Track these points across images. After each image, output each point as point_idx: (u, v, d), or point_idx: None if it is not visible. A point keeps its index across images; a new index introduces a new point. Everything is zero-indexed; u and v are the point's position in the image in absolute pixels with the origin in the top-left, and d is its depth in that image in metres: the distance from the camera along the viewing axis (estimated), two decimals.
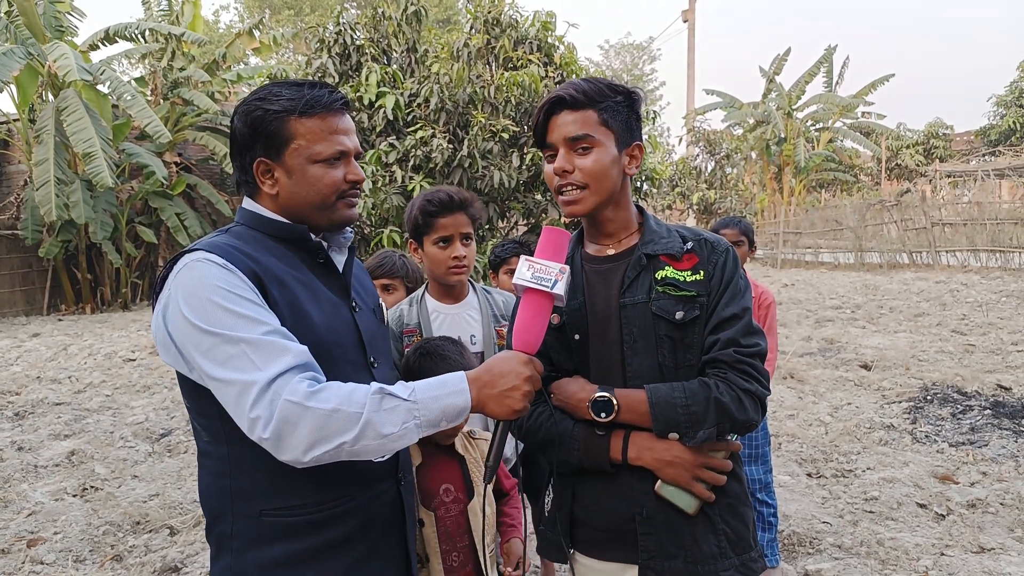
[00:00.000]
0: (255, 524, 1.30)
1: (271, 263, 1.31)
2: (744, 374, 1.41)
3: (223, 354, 1.17)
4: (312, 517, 1.31)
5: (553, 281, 1.32)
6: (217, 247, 1.28)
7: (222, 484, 1.32)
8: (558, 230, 1.38)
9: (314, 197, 1.36)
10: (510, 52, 7.64)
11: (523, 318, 1.35)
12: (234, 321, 1.18)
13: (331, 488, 1.33)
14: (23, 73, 12.01)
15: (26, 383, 7.34)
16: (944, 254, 16.57)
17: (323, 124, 1.34)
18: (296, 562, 1.31)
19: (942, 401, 5.65)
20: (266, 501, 1.30)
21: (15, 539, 3.66)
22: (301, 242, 1.39)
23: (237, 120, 1.37)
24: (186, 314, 1.20)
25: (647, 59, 45.96)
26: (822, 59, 25.95)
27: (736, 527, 1.48)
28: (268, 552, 1.30)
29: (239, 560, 1.32)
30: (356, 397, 1.18)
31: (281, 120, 1.32)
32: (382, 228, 7.20)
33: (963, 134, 32.98)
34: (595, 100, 1.46)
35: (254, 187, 1.39)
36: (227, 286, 1.21)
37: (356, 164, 1.41)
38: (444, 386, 1.25)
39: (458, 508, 1.83)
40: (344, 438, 1.15)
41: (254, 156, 1.35)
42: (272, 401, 1.14)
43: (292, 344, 1.21)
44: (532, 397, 1.31)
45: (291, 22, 29.63)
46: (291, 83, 1.37)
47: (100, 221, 12.89)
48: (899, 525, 3.61)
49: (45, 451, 5.09)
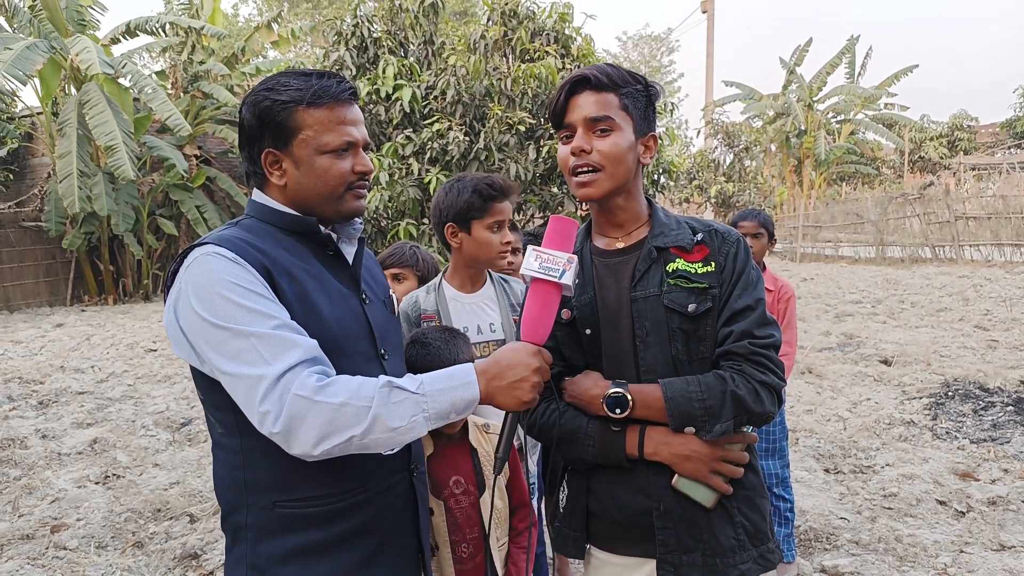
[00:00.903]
0: (269, 515, 1.31)
1: (281, 256, 1.31)
2: (759, 366, 1.40)
3: (233, 348, 1.18)
4: (325, 509, 1.32)
5: (561, 271, 1.31)
6: (227, 240, 1.28)
7: (236, 476, 1.33)
8: (565, 219, 1.37)
9: (322, 188, 1.35)
10: (527, 44, 7.61)
11: (531, 309, 1.34)
12: (244, 315, 1.19)
13: (344, 480, 1.33)
14: (46, 67, 12.18)
15: (50, 372, 7.48)
16: (967, 248, 16.31)
17: (331, 114, 1.33)
18: (310, 553, 1.32)
19: (963, 397, 5.57)
20: (280, 493, 1.31)
21: (39, 525, 3.74)
22: (311, 234, 1.38)
23: (245, 110, 1.36)
24: (196, 308, 1.21)
25: (665, 51, 45.59)
26: (844, 50, 25.55)
27: (754, 519, 1.47)
28: (283, 543, 1.31)
29: (253, 551, 1.33)
30: (365, 391, 1.18)
31: (289, 110, 1.32)
32: (399, 221, 7.23)
33: (988, 126, 32.36)
34: (617, 84, 1.45)
35: (262, 178, 1.39)
36: (236, 280, 1.22)
37: (364, 155, 1.40)
38: (452, 378, 1.25)
39: (468, 500, 1.82)
40: (353, 431, 1.16)
41: (262, 147, 1.35)
42: (281, 396, 1.15)
43: (301, 338, 1.21)
44: (541, 388, 1.30)
45: (309, 15, 29.72)
46: (299, 73, 1.36)
47: (122, 213, 13.06)
48: (918, 522, 3.57)
49: (68, 439, 5.18)
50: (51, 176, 13.45)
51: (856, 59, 26.00)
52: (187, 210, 14.29)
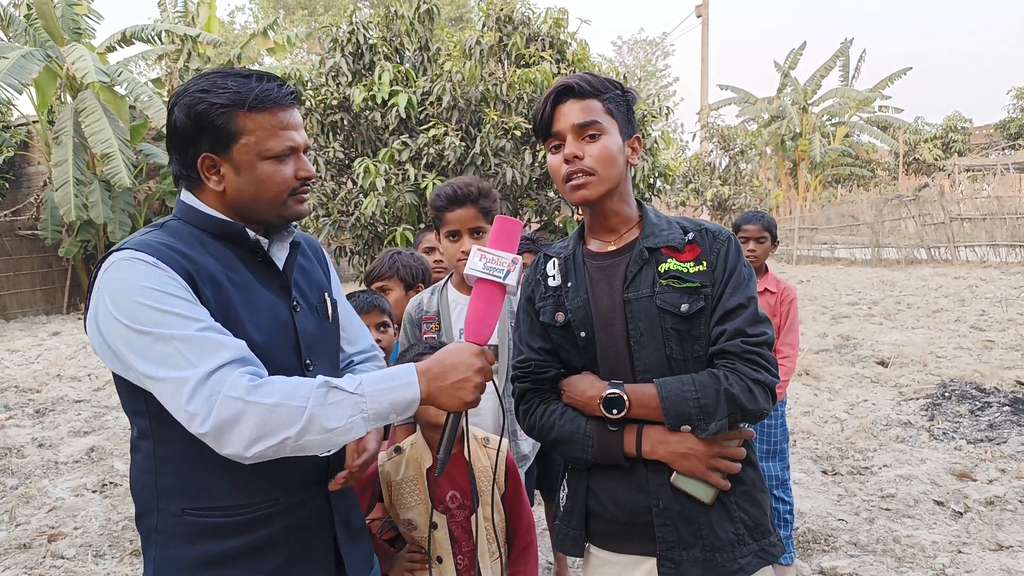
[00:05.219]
0: (177, 522, 1.29)
1: (206, 262, 1.27)
2: (753, 363, 1.41)
3: (157, 353, 1.15)
4: (232, 520, 1.29)
5: (505, 271, 1.32)
6: (146, 245, 1.23)
7: (147, 480, 1.31)
8: (510, 219, 1.38)
9: (264, 194, 1.31)
10: (522, 49, 7.63)
11: (475, 309, 1.35)
12: (165, 319, 1.16)
13: (253, 492, 1.30)
14: (42, 75, 12.17)
15: (46, 381, 7.46)
16: (963, 249, 16.36)
17: (273, 119, 1.29)
18: (216, 563, 1.30)
19: (960, 398, 5.58)
20: (188, 500, 1.29)
21: (36, 534, 3.72)
22: (239, 240, 1.34)
23: (178, 112, 1.29)
24: (116, 315, 1.18)
25: (660, 55, 45.71)
26: (838, 53, 25.67)
27: (753, 513, 1.48)
28: (190, 550, 1.29)
29: (162, 555, 1.31)
30: (300, 391, 1.16)
31: (228, 114, 1.26)
32: (395, 227, 7.23)
33: (982, 127, 32.47)
34: (599, 91, 1.49)
35: (196, 182, 1.33)
36: (156, 285, 1.18)
37: (306, 159, 1.37)
38: (392, 379, 1.24)
39: (463, 515, 1.84)
40: (287, 433, 1.14)
41: (198, 151, 1.29)
42: (210, 397, 1.12)
43: (228, 339, 1.19)
44: (483, 389, 1.31)
45: (305, 22, 29.78)
46: (235, 74, 1.31)
47: (118, 221, 13.04)
48: (916, 523, 3.57)
49: (65, 448, 5.16)
50: (47, 184, 13.44)
51: (850, 62, 26.13)
52: None
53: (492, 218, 2.28)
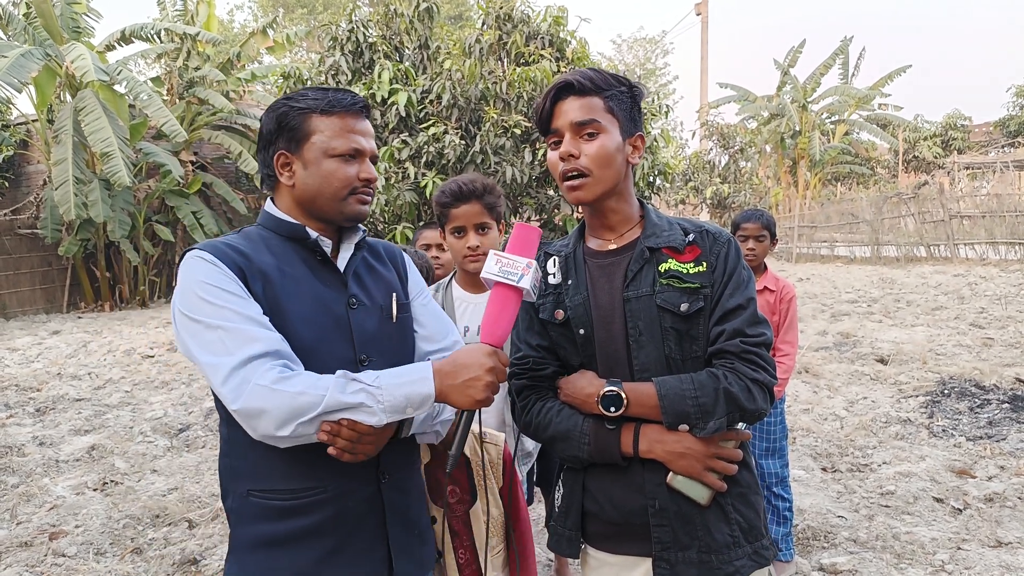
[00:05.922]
0: (244, 502, 1.41)
1: (262, 259, 1.40)
2: (751, 364, 1.41)
3: (204, 340, 1.30)
4: (287, 503, 1.38)
5: (520, 275, 1.35)
6: (210, 245, 1.39)
7: (225, 462, 1.45)
8: (529, 227, 1.41)
9: (326, 188, 1.43)
10: (522, 48, 7.63)
11: (491, 311, 1.38)
12: (214, 311, 1.30)
13: (305, 478, 1.39)
14: (41, 74, 12.16)
15: (47, 379, 7.46)
16: (962, 247, 16.36)
17: (341, 122, 1.43)
18: (272, 545, 1.39)
19: (959, 395, 5.59)
20: (252, 482, 1.40)
21: (37, 532, 3.73)
22: (300, 239, 1.46)
23: (265, 117, 1.48)
24: (179, 305, 1.34)
25: (660, 53, 45.66)
26: (838, 51, 25.63)
27: (748, 515, 1.48)
28: (253, 529, 1.40)
29: (234, 532, 1.44)
30: (323, 382, 1.26)
31: (303, 116, 1.42)
32: (395, 225, 7.23)
33: (982, 125, 32.49)
34: (601, 88, 1.48)
35: (274, 179, 1.48)
36: (210, 280, 1.32)
37: (371, 165, 1.48)
38: (409, 374, 1.32)
39: (463, 509, 1.85)
40: (308, 415, 1.24)
41: (276, 149, 1.45)
42: (240, 384, 1.25)
43: (263, 332, 1.30)
44: (496, 388, 1.34)
45: (304, 20, 29.76)
46: (318, 87, 1.48)
47: (118, 220, 13.04)
48: (915, 519, 3.58)
49: (66, 446, 5.17)
50: (47, 183, 13.43)
51: (850, 60, 26.08)
52: (183, 216, 14.27)
53: (497, 214, 2.31)
